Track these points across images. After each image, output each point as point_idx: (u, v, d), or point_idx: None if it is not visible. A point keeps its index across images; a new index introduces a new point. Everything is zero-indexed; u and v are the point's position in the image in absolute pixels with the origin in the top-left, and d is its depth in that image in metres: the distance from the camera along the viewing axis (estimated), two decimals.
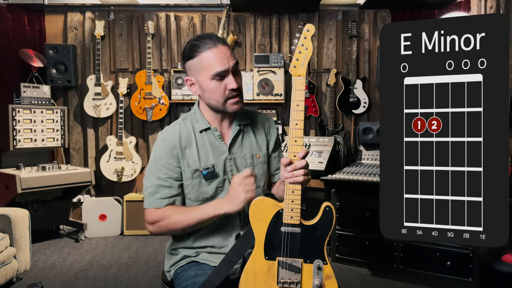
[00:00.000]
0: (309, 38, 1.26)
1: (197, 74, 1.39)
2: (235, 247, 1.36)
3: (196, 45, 1.38)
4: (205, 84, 1.38)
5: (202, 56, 1.36)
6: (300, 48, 1.27)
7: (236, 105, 1.41)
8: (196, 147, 1.43)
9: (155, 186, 1.41)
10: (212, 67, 1.35)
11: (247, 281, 1.30)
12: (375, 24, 4.24)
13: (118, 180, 4.14)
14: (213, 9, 4.28)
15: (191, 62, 1.39)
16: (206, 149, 1.44)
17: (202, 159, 1.43)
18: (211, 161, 1.43)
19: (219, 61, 1.35)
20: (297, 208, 1.26)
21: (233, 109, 1.41)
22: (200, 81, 1.39)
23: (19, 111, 3.66)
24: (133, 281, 2.92)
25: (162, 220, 1.39)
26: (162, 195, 1.41)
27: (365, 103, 4.15)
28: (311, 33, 1.26)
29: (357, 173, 3.10)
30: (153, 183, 1.42)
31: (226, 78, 1.37)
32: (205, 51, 1.36)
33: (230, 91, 1.38)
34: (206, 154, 1.44)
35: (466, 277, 2.72)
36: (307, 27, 1.26)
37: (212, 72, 1.35)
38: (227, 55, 1.37)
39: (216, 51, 1.35)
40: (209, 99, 1.41)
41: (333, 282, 1.26)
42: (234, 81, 1.37)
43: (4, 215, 2.80)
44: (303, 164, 1.26)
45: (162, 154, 1.41)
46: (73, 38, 4.28)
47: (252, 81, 4.11)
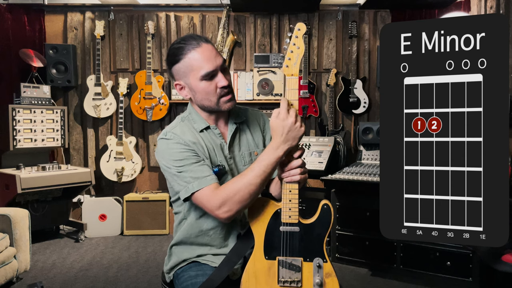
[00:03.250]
0: (300, 37, 1.26)
1: (185, 77, 1.37)
2: (235, 248, 1.36)
3: (180, 47, 1.35)
4: (195, 86, 1.36)
5: (188, 58, 1.33)
6: (292, 48, 1.27)
7: (230, 102, 1.38)
8: (204, 145, 1.41)
9: (186, 173, 1.30)
10: (201, 67, 1.32)
11: (249, 281, 1.30)
12: (375, 24, 4.24)
13: (118, 180, 4.14)
14: (213, 9, 4.28)
15: (177, 66, 1.37)
16: (212, 147, 1.43)
17: (212, 156, 1.41)
18: (217, 158, 1.42)
19: (207, 60, 1.32)
20: (295, 207, 1.26)
21: (227, 107, 1.39)
22: (189, 83, 1.37)
23: (19, 111, 3.66)
24: (133, 281, 2.92)
25: (227, 195, 1.25)
26: (201, 173, 1.30)
27: (365, 103, 4.15)
28: (302, 32, 1.26)
29: (357, 173, 3.10)
30: (188, 173, 1.30)
31: (216, 77, 1.35)
32: (190, 52, 1.33)
33: (222, 89, 1.35)
34: (213, 151, 1.42)
35: (466, 277, 2.72)
36: (298, 26, 1.25)
37: (201, 73, 1.32)
38: (213, 53, 1.35)
39: (201, 50, 1.33)
40: (201, 101, 1.39)
41: (333, 280, 1.26)
42: (224, 78, 1.35)
43: (4, 215, 2.80)
44: (299, 163, 1.26)
45: (179, 148, 1.35)
46: (73, 38, 4.29)
47: (252, 81, 4.11)
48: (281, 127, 1.22)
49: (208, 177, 1.30)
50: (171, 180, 1.37)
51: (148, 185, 4.39)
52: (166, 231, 4.05)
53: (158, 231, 4.04)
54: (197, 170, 1.31)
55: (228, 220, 1.28)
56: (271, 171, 1.25)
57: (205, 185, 1.28)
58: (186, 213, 1.46)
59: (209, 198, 1.27)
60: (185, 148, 1.34)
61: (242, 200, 1.24)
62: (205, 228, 1.43)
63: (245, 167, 1.44)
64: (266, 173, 1.24)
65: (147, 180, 4.39)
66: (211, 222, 1.42)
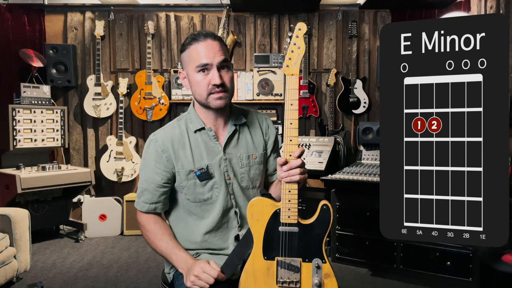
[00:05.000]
0: (301, 37, 1.26)
1: (186, 66, 1.42)
2: (236, 250, 1.36)
3: (190, 38, 1.40)
4: (191, 77, 1.39)
5: (191, 49, 1.38)
6: (292, 47, 1.26)
7: (219, 100, 1.37)
8: (190, 148, 1.42)
9: (141, 189, 1.47)
10: (197, 59, 1.36)
11: (247, 281, 1.30)
12: (375, 24, 4.24)
13: (118, 180, 4.14)
14: (213, 9, 4.28)
15: (183, 55, 1.42)
16: (200, 150, 1.43)
17: (196, 160, 1.41)
18: (205, 161, 1.41)
19: (205, 54, 1.35)
20: (294, 208, 1.26)
21: (216, 105, 1.38)
22: (188, 73, 1.41)
23: (19, 111, 3.66)
24: (133, 281, 2.92)
25: (144, 228, 1.48)
26: (145, 199, 1.46)
27: (365, 103, 4.15)
28: (303, 31, 1.26)
29: (357, 173, 3.10)
30: (140, 185, 1.48)
31: (211, 73, 1.36)
32: (194, 43, 1.37)
33: (213, 86, 1.36)
34: (200, 154, 1.42)
35: (466, 277, 2.72)
36: (299, 26, 1.25)
37: (197, 64, 1.36)
38: (215, 50, 1.36)
39: (204, 44, 1.36)
40: (194, 93, 1.42)
41: (332, 280, 1.26)
42: (218, 76, 1.35)
43: (4, 215, 2.80)
44: (298, 163, 1.26)
45: (151, 157, 1.43)
46: (73, 38, 4.28)
47: (252, 81, 4.11)
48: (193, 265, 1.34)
49: (141, 204, 1.48)
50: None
51: None
52: None
53: None
54: (143, 188, 1.47)
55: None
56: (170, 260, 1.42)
57: (138, 209, 1.50)
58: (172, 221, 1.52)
59: (139, 215, 1.51)
60: (157, 158, 1.43)
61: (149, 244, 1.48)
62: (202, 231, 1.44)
63: (242, 169, 1.45)
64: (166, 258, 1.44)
65: None
66: (206, 226, 1.43)
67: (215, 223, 1.43)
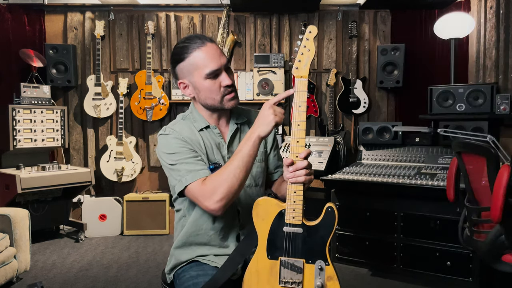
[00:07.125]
0: (311, 40, 1.26)
1: (190, 75, 1.39)
2: (239, 248, 1.36)
3: (185, 46, 1.37)
4: (200, 84, 1.38)
5: (193, 56, 1.36)
6: (302, 50, 1.27)
7: (233, 100, 1.41)
8: (203, 143, 1.43)
9: (184, 170, 1.32)
10: (205, 66, 1.35)
11: (251, 280, 1.30)
12: (375, 24, 4.24)
13: (118, 180, 4.14)
14: (213, 9, 4.28)
15: (182, 65, 1.39)
16: (211, 145, 1.45)
17: (209, 153, 1.44)
18: (215, 157, 1.44)
19: (211, 59, 1.35)
20: (299, 209, 1.26)
21: (230, 105, 1.41)
22: (194, 82, 1.39)
23: (19, 111, 3.66)
24: (133, 281, 2.92)
25: (218, 185, 1.25)
26: (201, 166, 1.33)
27: (365, 103, 4.15)
28: (313, 34, 1.26)
29: (357, 173, 3.10)
30: (180, 168, 1.33)
31: (220, 76, 1.37)
32: (195, 50, 1.36)
33: (225, 88, 1.38)
34: (211, 150, 1.45)
35: (466, 277, 2.72)
36: (310, 29, 1.26)
37: (206, 71, 1.35)
38: (218, 53, 1.38)
39: (206, 49, 1.36)
40: (205, 99, 1.41)
41: (335, 283, 1.26)
42: (228, 77, 1.37)
43: (4, 215, 2.80)
44: (304, 164, 1.26)
45: (176, 144, 1.37)
46: (73, 38, 4.28)
47: (252, 81, 4.12)
48: (260, 115, 1.27)
49: (201, 171, 1.32)
50: (168, 175, 1.41)
51: (148, 185, 4.38)
52: (166, 231, 4.05)
53: (158, 231, 4.04)
54: (192, 164, 1.34)
55: (219, 212, 1.28)
56: (250, 160, 1.26)
57: (198, 177, 1.30)
58: (186, 210, 1.47)
59: (200, 189, 1.28)
60: (182, 143, 1.37)
61: (230, 188, 1.25)
62: (205, 227, 1.44)
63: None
64: (245, 162, 1.25)
65: (147, 180, 4.39)
66: (211, 222, 1.43)
67: (217, 221, 1.43)
